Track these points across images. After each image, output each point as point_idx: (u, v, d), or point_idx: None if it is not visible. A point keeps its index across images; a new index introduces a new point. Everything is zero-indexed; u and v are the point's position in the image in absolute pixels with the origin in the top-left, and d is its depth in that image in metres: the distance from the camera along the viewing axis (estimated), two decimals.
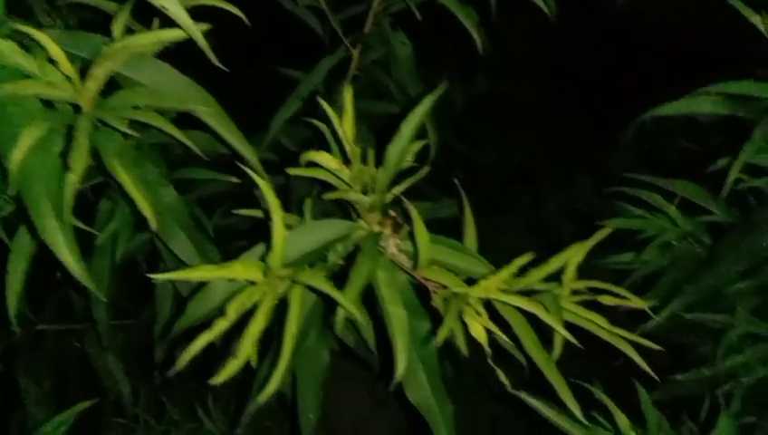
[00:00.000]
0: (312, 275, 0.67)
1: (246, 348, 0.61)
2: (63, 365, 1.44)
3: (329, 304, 0.99)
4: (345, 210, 0.84)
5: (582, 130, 2.03)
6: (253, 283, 0.65)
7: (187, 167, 1.10)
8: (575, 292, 0.79)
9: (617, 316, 0.88)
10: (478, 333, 0.68)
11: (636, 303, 0.77)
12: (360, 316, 0.67)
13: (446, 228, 0.92)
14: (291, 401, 1.06)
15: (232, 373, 0.62)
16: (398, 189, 0.80)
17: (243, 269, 0.61)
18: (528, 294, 0.78)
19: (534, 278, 0.80)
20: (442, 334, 0.66)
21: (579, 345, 0.72)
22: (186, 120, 0.87)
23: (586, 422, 0.77)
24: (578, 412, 0.76)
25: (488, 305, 0.81)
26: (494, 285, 0.67)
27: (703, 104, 0.90)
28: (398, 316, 0.73)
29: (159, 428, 1.46)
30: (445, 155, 2.10)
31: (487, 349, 0.68)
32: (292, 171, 0.66)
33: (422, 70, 1.45)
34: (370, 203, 0.72)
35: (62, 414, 1.06)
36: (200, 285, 0.74)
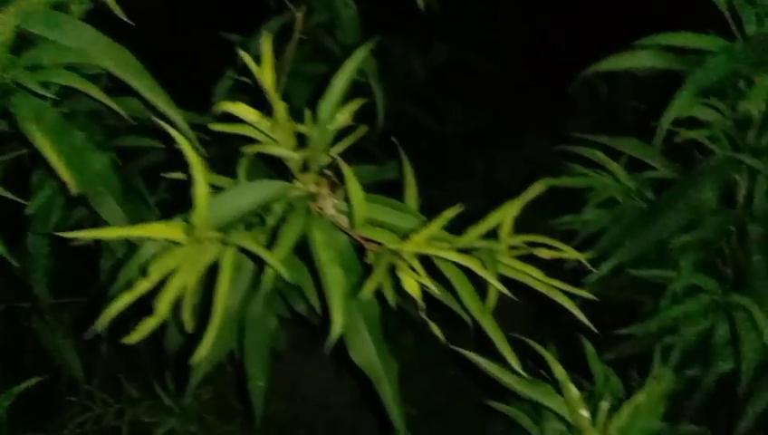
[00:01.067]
0: (241, 236, 0.66)
1: (162, 308, 0.59)
2: (15, 345, 1.41)
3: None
4: (284, 172, 0.82)
5: (542, 97, 2.03)
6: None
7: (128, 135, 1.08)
8: (515, 247, 0.80)
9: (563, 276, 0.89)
10: (411, 287, 0.68)
11: (571, 255, 0.77)
12: (287, 275, 0.66)
13: (399, 192, 0.91)
14: (239, 369, 1.05)
15: (146, 333, 0.61)
16: (336, 149, 0.79)
17: (162, 229, 0.60)
18: (470, 251, 0.79)
19: (474, 235, 0.80)
20: (369, 287, 0.66)
21: (513, 298, 0.73)
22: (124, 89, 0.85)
23: (525, 375, 0.77)
24: (516, 365, 0.76)
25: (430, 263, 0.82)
26: (423, 239, 0.66)
27: (642, 58, 0.90)
28: (333, 276, 0.72)
29: (116, 405, 1.45)
30: (404, 124, 2.09)
31: (420, 303, 0.68)
32: (214, 127, 0.64)
33: (373, 37, 1.42)
34: (302, 161, 0.70)
35: (6, 393, 1.04)
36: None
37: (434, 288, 0.72)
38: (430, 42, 2.10)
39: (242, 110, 0.61)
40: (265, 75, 0.60)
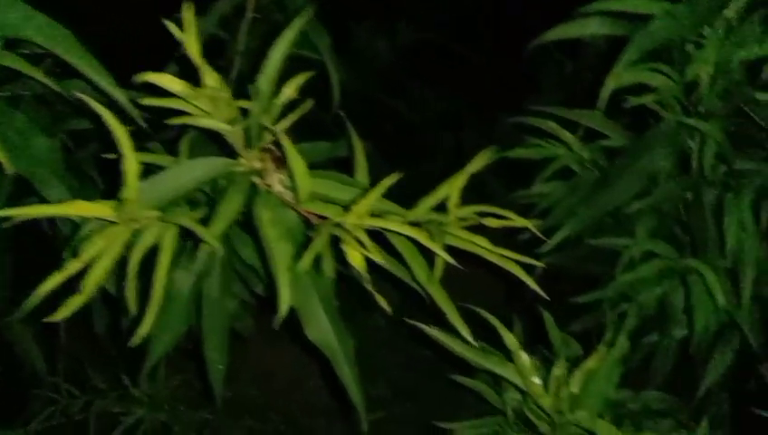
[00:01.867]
0: (177, 214, 0.65)
1: (88, 287, 0.58)
2: None
3: (234, 252, 0.97)
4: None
5: (510, 76, 2.03)
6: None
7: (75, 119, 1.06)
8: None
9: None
10: (356, 260, 0.67)
11: (519, 222, 0.77)
12: (221, 250, 0.65)
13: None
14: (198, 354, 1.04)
15: (72, 310, 0.59)
16: (283, 125, 0.78)
17: (89, 207, 0.58)
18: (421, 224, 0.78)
19: (424, 208, 0.80)
20: (306, 259, 0.65)
21: (460, 267, 0.73)
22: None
23: (476, 344, 0.77)
24: (466, 334, 0.76)
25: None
26: (363, 210, 0.65)
27: (589, 26, 0.89)
28: (279, 252, 0.71)
29: (83, 397, 1.43)
30: (372, 107, 2.08)
31: (365, 275, 0.67)
32: (144, 102, 0.62)
33: (338, 20, 1.41)
34: (245, 136, 0.69)
35: None
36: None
37: (381, 259, 0.71)
38: (395, 24, 2.08)
39: (166, 80, 0.59)
40: (190, 44, 0.59)
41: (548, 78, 1.91)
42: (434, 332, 0.84)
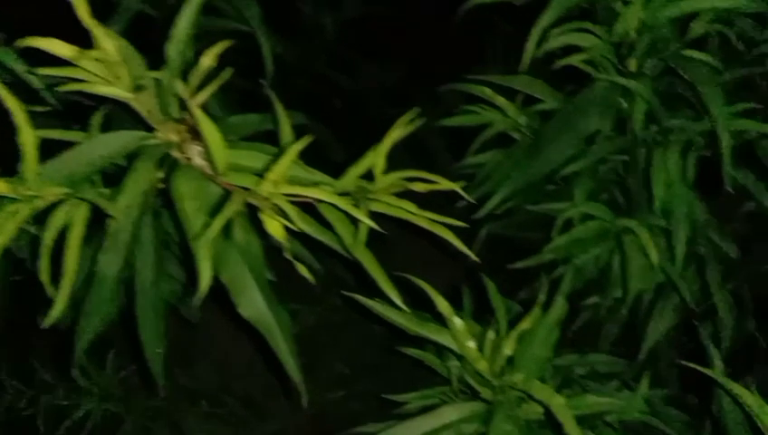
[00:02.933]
0: (83, 190, 0.62)
1: None
2: None
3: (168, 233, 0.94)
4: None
5: (458, 48, 2.01)
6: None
7: None
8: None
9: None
10: (273, 229, 0.65)
11: (447, 186, 0.76)
12: (128, 224, 0.63)
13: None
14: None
15: None
16: (201, 97, 0.75)
17: None
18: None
19: (353, 176, 0.78)
20: (215, 226, 0.63)
21: (384, 232, 0.72)
22: None
23: (407, 310, 0.76)
24: (398, 300, 0.75)
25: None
26: (276, 177, 0.63)
27: None
28: (197, 226, 0.69)
29: (30, 392, 1.39)
30: (318, 83, 2.05)
31: (285, 244, 0.66)
32: (40, 72, 0.59)
33: None
34: (151, 105, 0.66)
35: None
36: None
37: (303, 227, 0.70)
38: None
39: (53, 45, 0.56)
40: (79, 5, 0.56)
41: (493, 48, 1.90)
42: (368, 301, 0.83)
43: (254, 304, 0.82)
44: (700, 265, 1.03)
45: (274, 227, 0.65)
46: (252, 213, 0.82)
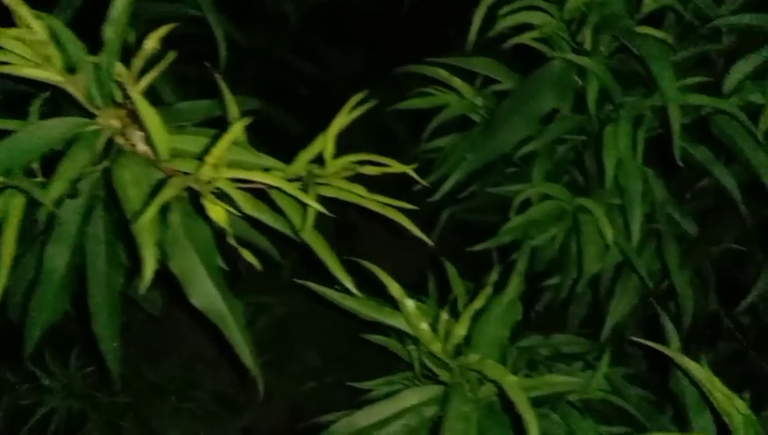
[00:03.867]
0: (18, 179, 0.60)
1: None
2: None
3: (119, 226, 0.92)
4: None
5: (423, 34, 2.00)
6: None
7: None
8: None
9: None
10: (217, 215, 0.64)
11: (398, 168, 0.75)
12: (74, 216, 0.61)
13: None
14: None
15: None
16: (144, 82, 0.73)
17: None
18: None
19: (303, 161, 0.77)
20: (149, 212, 0.61)
21: (329, 214, 0.71)
22: None
23: (359, 294, 0.76)
24: (350, 285, 0.74)
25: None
26: (215, 160, 0.62)
27: None
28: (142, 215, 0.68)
29: None
30: (282, 71, 2.02)
31: (228, 229, 0.65)
32: None
33: None
34: (83, 89, 0.64)
35: None
36: None
37: (251, 212, 0.68)
38: None
39: None
40: None
41: (457, 33, 1.90)
42: (320, 288, 0.82)
43: (205, 293, 0.80)
44: (659, 244, 1.03)
45: (216, 213, 0.63)
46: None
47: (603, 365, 0.95)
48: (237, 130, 0.63)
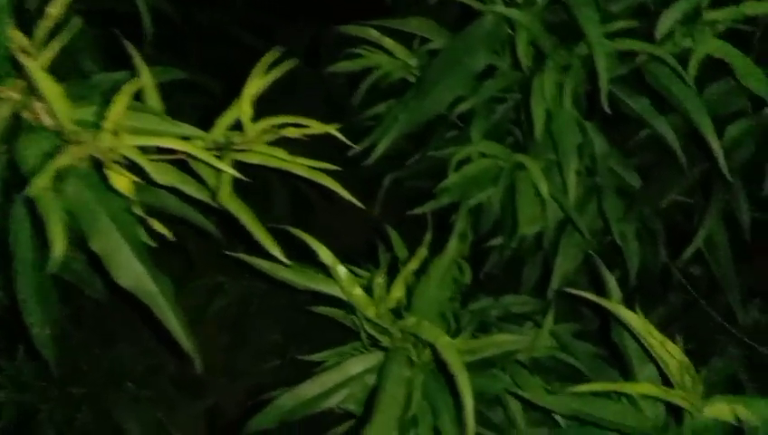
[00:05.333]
0: None
1: None
2: None
3: None
4: None
5: (368, 5, 1.97)
6: None
7: None
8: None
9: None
10: (121, 185, 0.61)
11: (320, 129, 0.72)
12: None
13: None
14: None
15: None
16: (49, 53, 0.70)
17: None
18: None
19: (222, 127, 0.74)
20: (39, 180, 0.58)
21: (247, 179, 0.68)
22: None
23: (289, 263, 0.74)
24: (279, 254, 0.72)
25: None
26: (112, 126, 0.59)
27: None
28: (41, 193, 0.64)
29: None
30: (230, 46, 1.98)
31: (131, 197, 0.62)
32: None
33: None
34: None
35: None
36: None
37: (161, 180, 0.66)
38: None
39: None
40: None
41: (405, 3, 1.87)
42: (250, 258, 0.80)
43: (131, 272, 0.77)
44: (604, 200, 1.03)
45: (120, 182, 0.60)
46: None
47: (548, 322, 0.95)
48: (127, 94, 0.60)
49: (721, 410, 0.67)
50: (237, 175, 0.68)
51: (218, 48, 1.94)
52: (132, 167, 0.70)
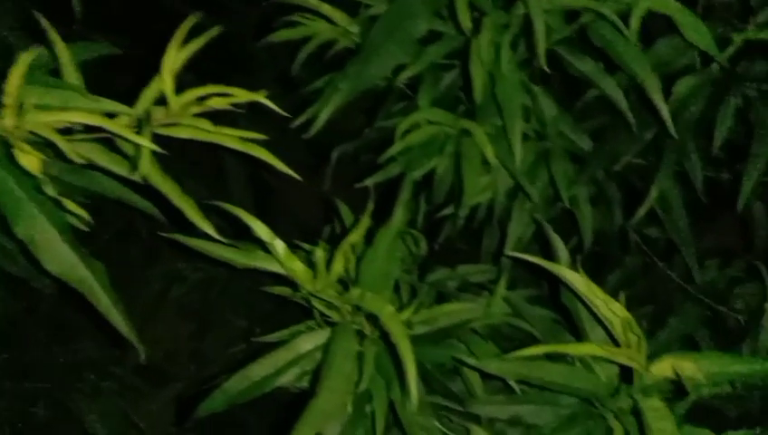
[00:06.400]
0: None
1: None
2: None
3: None
4: None
5: None
6: None
7: None
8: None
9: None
10: (29, 164, 0.58)
11: (246, 97, 0.69)
12: None
13: None
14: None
15: None
16: None
17: None
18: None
19: (145, 102, 0.71)
20: None
21: (165, 153, 0.65)
22: None
23: (224, 240, 0.71)
24: (208, 229, 0.69)
25: None
26: (11, 102, 0.55)
27: None
28: None
29: None
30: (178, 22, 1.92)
31: (40, 175, 0.58)
32: None
33: None
34: None
35: None
36: None
37: (77, 158, 0.63)
38: None
39: None
40: None
41: None
42: (187, 239, 0.77)
43: (60, 257, 0.74)
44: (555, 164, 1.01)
45: (28, 161, 0.57)
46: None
47: (500, 289, 0.93)
48: (23, 64, 0.57)
49: (665, 367, 0.66)
50: (157, 149, 0.65)
51: (165, 24, 1.89)
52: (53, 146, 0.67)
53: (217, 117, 0.83)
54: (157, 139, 0.71)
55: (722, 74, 1.03)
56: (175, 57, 0.68)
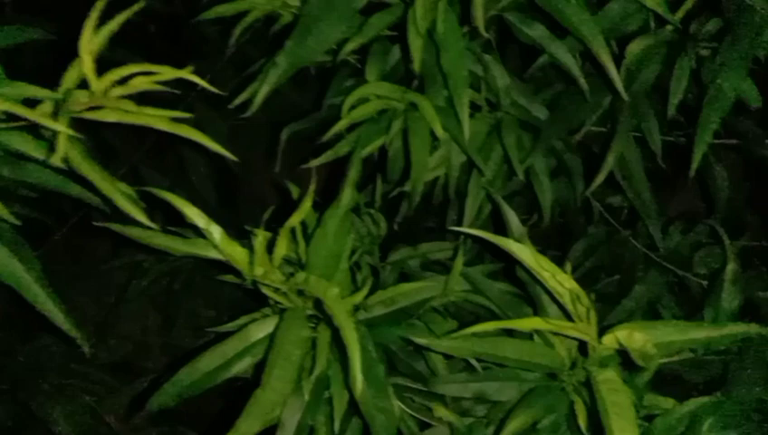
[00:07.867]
0: None
1: None
2: None
3: None
4: None
5: None
6: None
7: None
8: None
9: None
10: None
11: (172, 74, 0.66)
12: None
13: None
14: None
15: None
16: None
17: None
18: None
19: (69, 82, 0.67)
20: None
21: (78, 135, 0.62)
22: None
23: (156, 227, 0.68)
24: (139, 216, 0.66)
25: None
26: None
27: None
28: None
29: None
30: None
31: None
32: None
33: None
34: None
35: None
36: None
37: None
38: None
39: None
40: None
41: None
42: (126, 228, 0.74)
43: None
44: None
45: None
46: None
47: (458, 265, 0.91)
48: None
49: (613, 339, 0.65)
50: (73, 133, 0.61)
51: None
52: None
53: (173, 103, 0.80)
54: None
55: (675, 35, 1.00)
56: (91, 37, 0.64)
